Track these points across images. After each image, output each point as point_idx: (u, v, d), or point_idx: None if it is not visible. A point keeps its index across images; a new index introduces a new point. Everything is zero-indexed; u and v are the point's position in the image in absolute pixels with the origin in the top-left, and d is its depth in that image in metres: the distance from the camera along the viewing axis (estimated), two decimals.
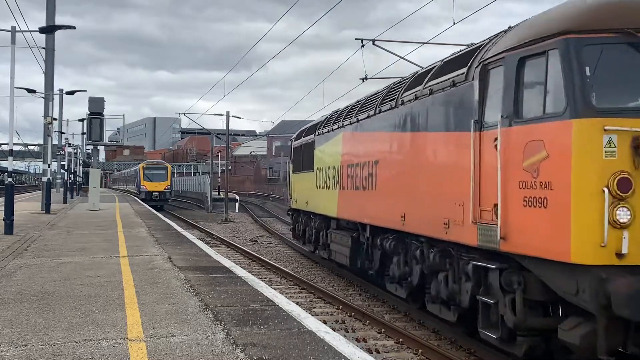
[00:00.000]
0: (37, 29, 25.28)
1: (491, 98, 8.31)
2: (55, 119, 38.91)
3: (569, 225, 6.84)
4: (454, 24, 16.85)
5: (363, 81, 18.90)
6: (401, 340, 10.30)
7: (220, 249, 22.11)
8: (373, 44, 17.42)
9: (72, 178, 59.02)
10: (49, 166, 34.92)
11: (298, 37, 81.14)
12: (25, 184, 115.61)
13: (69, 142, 54.07)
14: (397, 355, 9.75)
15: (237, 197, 59.95)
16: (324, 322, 9.68)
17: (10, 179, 20.85)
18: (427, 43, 18.00)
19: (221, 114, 51.67)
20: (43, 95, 34.01)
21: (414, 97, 10.71)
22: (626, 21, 7.11)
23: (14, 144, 22.18)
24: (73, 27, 24.90)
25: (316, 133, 18.50)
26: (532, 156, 7.34)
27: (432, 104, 9.99)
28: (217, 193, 64.26)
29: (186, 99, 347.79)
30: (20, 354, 5.96)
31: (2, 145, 77.24)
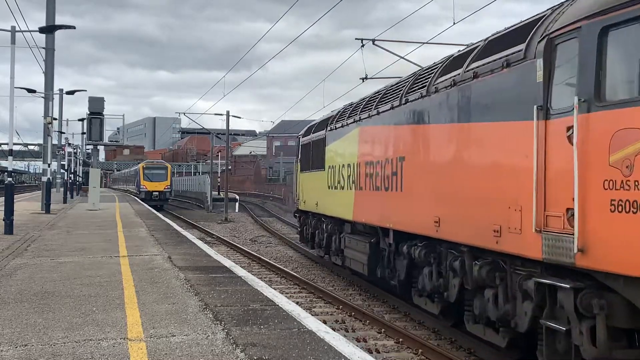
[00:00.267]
0: (37, 29, 25.30)
1: (560, 79, 6.93)
2: (55, 119, 38.90)
3: None
4: (454, 24, 16.88)
5: (363, 81, 18.95)
6: (401, 340, 10.30)
7: (220, 249, 22.11)
8: (373, 44, 17.45)
9: (72, 178, 59.01)
10: (49, 166, 34.90)
11: (298, 37, 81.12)
12: (25, 184, 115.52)
13: (69, 142, 54.06)
14: (397, 355, 9.75)
15: (237, 197, 59.96)
16: (324, 322, 9.69)
17: (10, 179, 20.86)
18: (427, 43, 18.04)
19: (221, 114, 51.84)
20: (43, 95, 33.99)
21: (452, 83, 9.28)
22: None
23: (14, 144, 22.18)
24: (73, 27, 24.92)
25: (327, 129, 17.03)
26: (623, 148, 6.03)
27: (477, 90, 8.55)
28: (217, 193, 64.26)
29: (186, 99, 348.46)
30: (20, 354, 5.96)
31: (2, 145, 77.21)
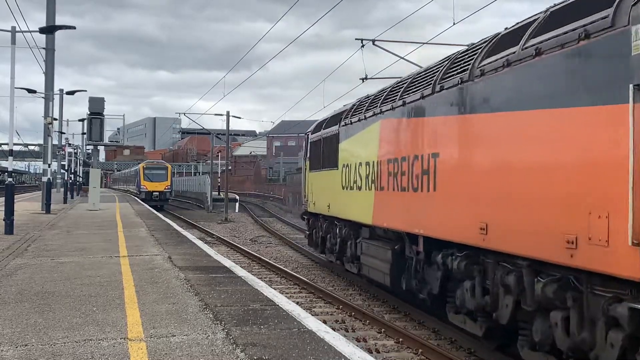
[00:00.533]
0: (37, 29, 25.28)
1: None
2: (55, 119, 38.91)
3: None
4: (454, 24, 16.90)
5: (363, 81, 18.98)
6: (401, 340, 10.30)
7: (220, 249, 22.12)
8: (373, 44, 17.47)
9: (72, 178, 59.03)
10: (49, 166, 34.92)
11: (298, 37, 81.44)
12: (25, 184, 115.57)
13: (69, 142, 54.11)
14: (397, 355, 9.75)
15: (237, 197, 60.01)
16: (324, 322, 9.69)
17: (10, 179, 20.87)
18: (427, 43, 18.07)
19: (221, 114, 51.87)
20: (43, 95, 34.02)
21: (504, 64, 7.90)
22: None
23: (14, 144, 22.19)
24: (73, 27, 24.91)
25: (341, 124, 15.55)
26: None
27: (542, 70, 7.20)
28: (217, 193, 64.30)
29: (186, 99, 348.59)
30: (20, 354, 5.96)
31: (2, 145, 77.26)
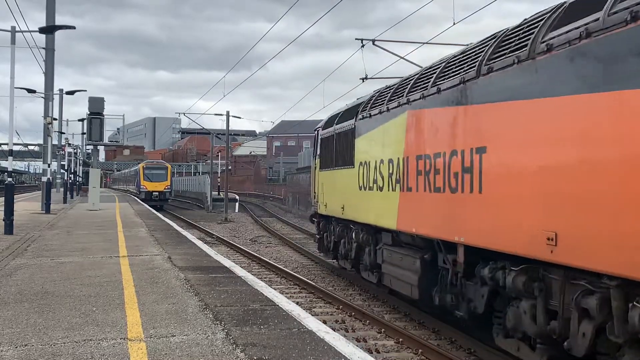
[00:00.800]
0: (37, 29, 25.29)
1: None
2: (55, 119, 38.93)
3: None
4: (454, 24, 16.88)
5: (363, 81, 18.97)
6: (401, 340, 10.30)
7: (220, 249, 22.12)
8: (373, 44, 17.47)
9: (72, 178, 59.03)
10: (49, 166, 34.94)
11: (298, 37, 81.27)
12: (25, 184, 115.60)
13: (69, 142, 54.08)
14: (397, 355, 9.74)
15: (237, 197, 60.03)
16: (324, 322, 9.69)
17: (10, 179, 20.87)
18: (427, 43, 18.05)
19: (221, 114, 52.07)
20: (43, 95, 34.03)
21: (581, 35, 6.58)
22: None
23: (14, 144, 22.19)
24: (73, 27, 24.92)
25: (358, 117, 14.11)
26: None
27: None
28: (217, 193, 64.32)
29: (186, 99, 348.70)
30: (20, 354, 5.96)
31: (2, 145, 77.26)
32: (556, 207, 6.76)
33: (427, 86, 10.33)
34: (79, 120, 49.14)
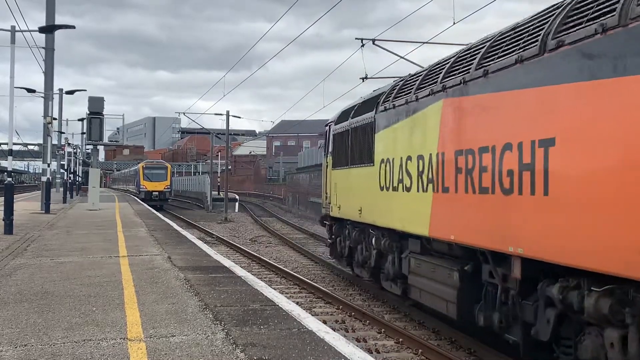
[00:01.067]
0: (37, 29, 25.30)
1: None
2: (55, 119, 38.92)
3: None
4: (454, 24, 16.86)
5: (363, 81, 18.95)
6: (401, 340, 10.30)
7: (220, 249, 22.11)
8: (373, 44, 17.45)
9: (72, 178, 59.03)
10: (49, 166, 34.95)
11: (298, 37, 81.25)
12: (24, 184, 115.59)
13: (69, 142, 54.08)
14: (397, 355, 9.74)
15: (237, 197, 60.03)
16: (324, 322, 9.68)
17: (9, 179, 20.87)
18: (427, 43, 18.03)
19: (221, 114, 52.02)
20: (43, 95, 34.03)
21: None
22: None
23: (14, 144, 22.19)
24: (73, 27, 24.92)
25: (378, 109, 12.72)
26: None
27: None
28: (217, 193, 64.33)
29: (186, 99, 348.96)
30: (19, 354, 5.95)
31: (2, 144, 77.25)
32: None
33: (470, 69, 8.88)
34: (79, 120, 49.15)
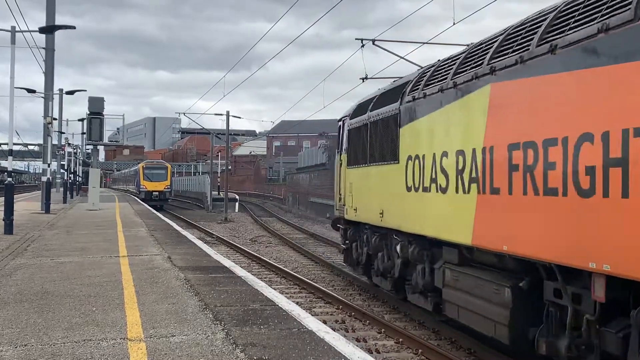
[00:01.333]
0: (37, 29, 25.31)
1: None
2: (55, 119, 38.93)
3: None
4: (454, 24, 16.86)
5: (363, 81, 18.93)
6: (401, 340, 10.30)
7: (220, 249, 22.11)
8: (373, 44, 17.43)
9: (72, 178, 59.04)
10: (49, 166, 34.96)
11: (298, 37, 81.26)
12: (25, 184, 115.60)
13: (69, 142, 54.08)
14: (397, 355, 9.74)
15: (237, 197, 60.03)
16: (324, 322, 9.68)
17: (10, 179, 20.87)
18: (427, 43, 18.02)
19: (221, 114, 52.08)
20: (43, 95, 34.04)
21: None
22: None
23: (14, 144, 22.20)
24: (73, 27, 24.94)
25: (404, 99, 11.37)
26: None
27: None
28: (217, 193, 64.34)
29: (186, 99, 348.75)
30: (20, 354, 5.96)
31: (2, 145, 77.28)
32: None
33: (529, 46, 7.53)
34: (79, 120, 49.17)
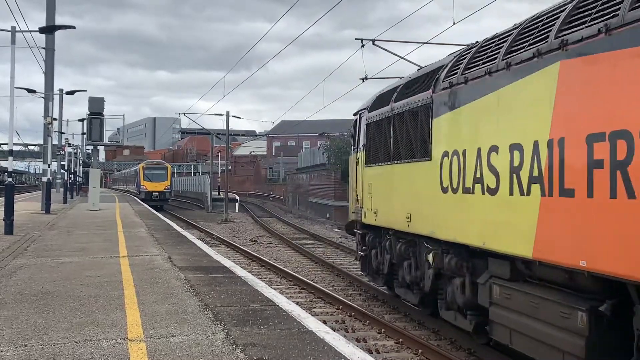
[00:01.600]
0: (37, 29, 25.32)
1: None
2: (55, 119, 38.94)
3: None
4: (454, 24, 16.88)
5: (363, 81, 18.94)
6: (401, 340, 10.30)
7: (220, 249, 22.12)
8: (373, 44, 17.44)
9: (72, 178, 59.05)
10: (49, 166, 34.96)
11: (298, 37, 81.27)
12: (25, 184, 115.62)
13: (69, 142, 54.08)
14: (397, 355, 9.75)
15: (237, 197, 60.05)
16: (324, 322, 9.70)
17: (10, 179, 20.88)
18: (427, 43, 18.02)
19: (221, 114, 52.10)
20: (43, 95, 34.05)
21: None
22: None
23: (14, 144, 22.20)
24: (73, 27, 24.94)
25: (438, 87, 10.03)
26: None
27: None
28: (217, 193, 64.35)
29: (186, 99, 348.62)
30: (20, 354, 5.96)
31: (2, 145, 77.31)
32: None
33: (618, 12, 6.05)
34: (79, 120, 49.23)
